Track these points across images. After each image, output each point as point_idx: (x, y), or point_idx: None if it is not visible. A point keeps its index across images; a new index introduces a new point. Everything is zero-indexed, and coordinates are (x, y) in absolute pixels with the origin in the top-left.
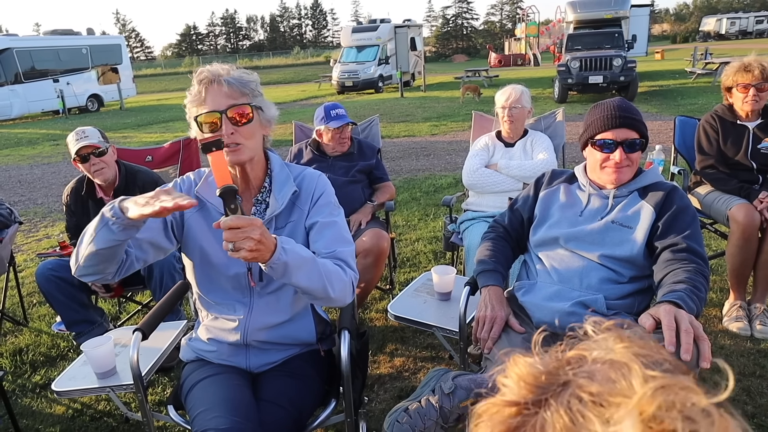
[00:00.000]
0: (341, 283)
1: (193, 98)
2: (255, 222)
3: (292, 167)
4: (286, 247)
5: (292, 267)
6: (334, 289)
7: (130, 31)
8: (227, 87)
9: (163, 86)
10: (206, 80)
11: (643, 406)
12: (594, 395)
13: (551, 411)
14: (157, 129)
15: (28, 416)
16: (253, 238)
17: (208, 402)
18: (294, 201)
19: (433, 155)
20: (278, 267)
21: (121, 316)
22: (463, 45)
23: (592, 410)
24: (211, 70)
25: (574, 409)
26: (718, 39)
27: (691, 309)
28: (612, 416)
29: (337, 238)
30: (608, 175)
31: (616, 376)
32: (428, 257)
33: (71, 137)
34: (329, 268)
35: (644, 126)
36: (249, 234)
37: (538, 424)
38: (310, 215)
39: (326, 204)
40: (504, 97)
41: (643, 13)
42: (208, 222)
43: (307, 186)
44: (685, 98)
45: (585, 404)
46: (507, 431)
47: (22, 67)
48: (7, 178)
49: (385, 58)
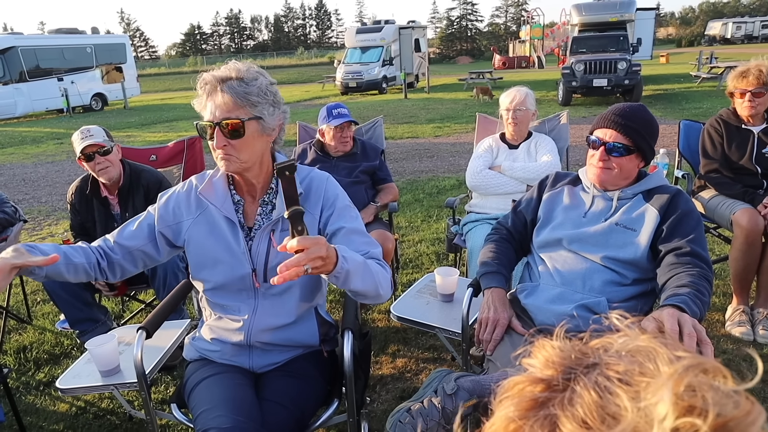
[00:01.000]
0: (387, 280)
1: (197, 102)
2: (320, 241)
3: (299, 168)
4: (345, 256)
5: (352, 273)
6: (383, 286)
7: (134, 30)
8: (224, 96)
9: (167, 86)
10: (208, 86)
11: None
12: (621, 374)
13: (580, 387)
14: (161, 128)
15: (32, 413)
16: (321, 257)
17: (210, 401)
18: (302, 203)
19: (437, 157)
20: (341, 275)
21: (124, 315)
22: (467, 47)
23: (620, 387)
24: (215, 75)
25: (602, 386)
26: (723, 43)
27: (694, 313)
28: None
29: (367, 242)
30: (591, 171)
31: (643, 358)
32: (431, 259)
33: (76, 136)
34: (377, 269)
35: (642, 137)
36: (318, 253)
37: (566, 399)
38: (332, 221)
39: (345, 207)
40: (508, 100)
41: (648, 17)
42: (211, 224)
43: (317, 189)
44: (690, 102)
45: (612, 381)
46: (533, 406)
47: (27, 65)
48: (11, 176)
49: (389, 60)
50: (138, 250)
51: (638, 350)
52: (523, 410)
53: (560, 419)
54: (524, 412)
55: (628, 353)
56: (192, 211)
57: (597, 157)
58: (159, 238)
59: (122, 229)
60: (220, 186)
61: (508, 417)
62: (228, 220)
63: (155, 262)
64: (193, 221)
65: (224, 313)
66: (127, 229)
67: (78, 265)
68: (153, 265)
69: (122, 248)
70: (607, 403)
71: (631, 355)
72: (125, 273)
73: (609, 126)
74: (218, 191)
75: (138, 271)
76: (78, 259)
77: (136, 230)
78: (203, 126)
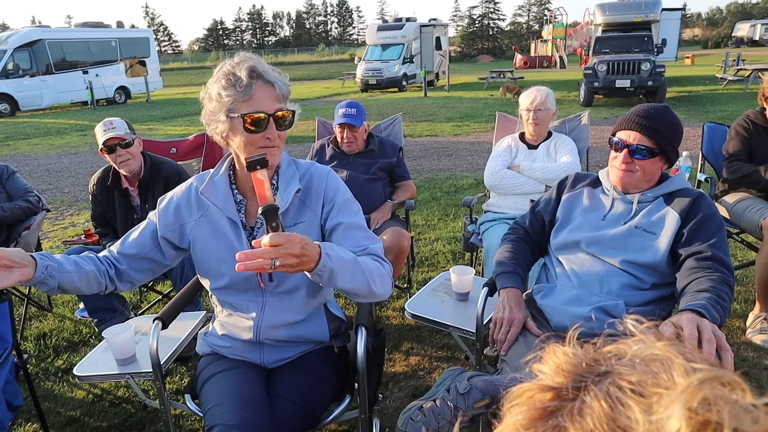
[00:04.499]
0: (382, 277)
1: (237, 91)
2: (294, 238)
3: (299, 164)
4: (330, 254)
5: (337, 272)
6: (377, 284)
7: (158, 24)
8: (274, 88)
9: (189, 80)
10: (256, 75)
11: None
12: (634, 384)
13: (590, 397)
14: (182, 122)
15: (50, 399)
16: (294, 254)
17: (219, 397)
18: (303, 200)
19: (455, 155)
20: (324, 274)
21: (141, 305)
22: (488, 45)
23: (632, 398)
24: (259, 63)
25: (614, 397)
26: (751, 45)
27: (714, 318)
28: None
29: (365, 237)
30: (613, 174)
31: (658, 368)
32: (447, 257)
33: (99, 128)
34: (370, 266)
35: (666, 139)
36: (290, 250)
37: (576, 409)
38: (331, 216)
39: (345, 202)
40: (529, 99)
41: (674, 17)
42: (213, 224)
43: (317, 185)
44: (715, 105)
45: (624, 392)
46: (543, 415)
47: (54, 58)
48: (36, 166)
49: (409, 57)
50: (142, 257)
51: (653, 359)
52: (531, 419)
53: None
54: (532, 422)
55: (642, 361)
56: (194, 212)
57: (620, 160)
58: (163, 243)
59: (124, 240)
60: (221, 185)
61: (516, 426)
62: (230, 221)
63: (163, 268)
64: (195, 223)
65: (234, 310)
66: (128, 238)
67: (89, 273)
68: (162, 272)
69: (126, 257)
70: (618, 415)
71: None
72: (134, 282)
73: (632, 128)
74: (220, 191)
75: (147, 280)
76: (88, 267)
77: (138, 238)
78: (254, 117)
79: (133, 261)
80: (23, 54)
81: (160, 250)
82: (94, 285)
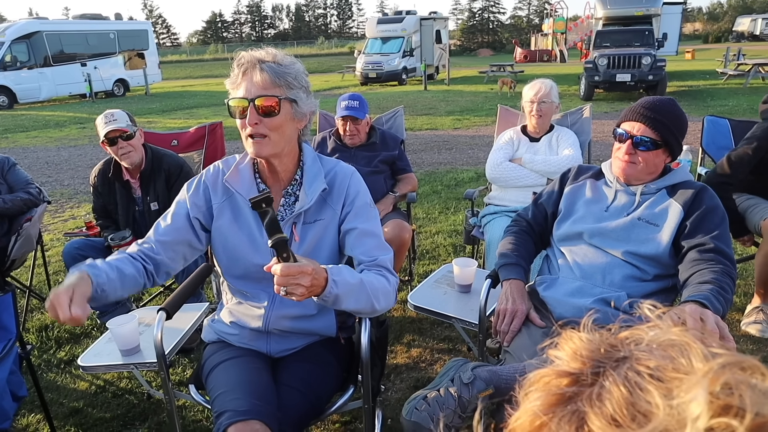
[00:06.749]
0: (387, 294)
1: (231, 81)
2: (305, 270)
3: (324, 161)
4: (336, 280)
5: (342, 296)
6: (380, 302)
7: (156, 17)
8: (262, 74)
9: (188, 73)
10: (245, 65)
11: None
12: (653, 369)
13: (609, 382)
14: (182, 115)
15: (53, 390)
16: (303, 285)
17: (228, 384)
18: (325, 198)
19: (455, 149)
20: (329, 299)
21: (143, 297)
22: (488, 39)
23: (651, 383)
24: (254, 54)
25: (633, 381)
26: (752, 40)
27: (717, 309)
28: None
29: (377, 246)
30: (616, 165)
31: (676, 353)
32: (448, 250)
33: (100, 119)
34: (375, 285)
35: (670, 131)
36: (300, 281)
37: (595, 395)
38: (348, 219)
39: (363, 206)
40: (533, 92)
41: (675, 11)
42: (235, 212)
43: (340, 184)
44: (715, 99)
45: (643, 377)
46: (560, 401)
47: (51, 50)
48: (35, 159)
49: (409, 51)
50: (179, 242)
51: (671, 344)
52: (549, 405)
53: (588, 416)
54: (550, 407)
55: (659, 347)
56: (219, 195)
57: (623, 151)
58: (196, 225)
59: (156, 228)
60: (246, 174)
61: (533, 412)
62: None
63: (196, 253)
64: (219, 206)
65: (245, 299)
66: (161, 225)
67: (130, 276)
68: (194, 258)
69: (164, 245)
70: (637, 399)
71: (663, 349)
72: (170, 272)
73: (637, 119)
74: (244, 179)
75: (181, 268)
76: (129, 270)
77: (172, 223)
78: (236, 103)
79: (169, 248)
80: (21, 46)
81: (195, 233)
82: (132, 287)
